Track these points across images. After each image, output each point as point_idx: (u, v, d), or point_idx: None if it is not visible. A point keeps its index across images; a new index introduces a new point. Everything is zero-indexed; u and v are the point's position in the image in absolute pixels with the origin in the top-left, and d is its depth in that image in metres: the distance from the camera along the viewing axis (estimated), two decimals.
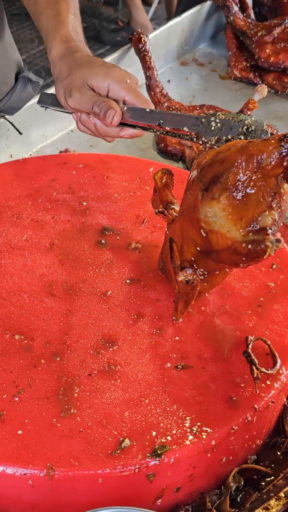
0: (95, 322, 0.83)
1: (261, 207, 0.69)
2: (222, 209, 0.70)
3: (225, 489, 0.76)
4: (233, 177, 0.69)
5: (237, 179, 0.69)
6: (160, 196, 0.85)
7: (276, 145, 0.68)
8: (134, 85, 0.99)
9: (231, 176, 0.69)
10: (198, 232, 0.74)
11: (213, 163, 0.72)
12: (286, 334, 0.84)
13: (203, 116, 0.89)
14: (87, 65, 0.99)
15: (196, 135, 0.90)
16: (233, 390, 0.76)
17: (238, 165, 0.69)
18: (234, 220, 0.69)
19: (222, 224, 0.70)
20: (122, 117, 0.97)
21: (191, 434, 0.72)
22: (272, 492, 0.75)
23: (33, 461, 0.68)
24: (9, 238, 0.96)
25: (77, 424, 0.72)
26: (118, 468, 0.68)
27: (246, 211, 0.69)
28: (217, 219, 0.70)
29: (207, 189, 0.71)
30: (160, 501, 0.73)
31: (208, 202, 0.71)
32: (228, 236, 0.70)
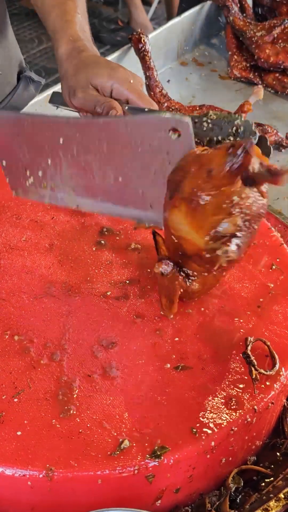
0: (95, 323, 0.83)
1: (220, 214, 0.68)
2: (184, 217, 0.70)
3: (225, 490, 0.76)
4: (189, 186, 0.69)
5: (192, 188, 0.69)
6: None
7: (224, 156, 0.67)
8: (138, 86, 1.00)
9: (187, 184, 0.69)
10: (171, 237, 0.75)
11: (176, 170, 0.72)
12: (285, 335, 0.84)
13: (197, 116, 0.89)
14: (92, 65, 1.00)
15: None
16: (233, 391, 0.76)
17: (191, 174, 0.69)
18: (195, 227, 0.70)
19: (186, 231, 0.71)
20: None
21: (191, 435, 0.71)
22: (272, 493, 0.75)
23: (32, 462, 0.68)
24: (8, 239, 0.96)
25: (76, 425, 0.72)
26: (118, 469, 0.68)
27: (205, 219, 0.69)
28: (182, 226, 0.71)
29: (171, 196, 0.71)
30: (159, 502, 0.73)
31: (172, 210, 0.71)
32: (194, 242, 0.70)
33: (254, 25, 1.69)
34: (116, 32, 3.67)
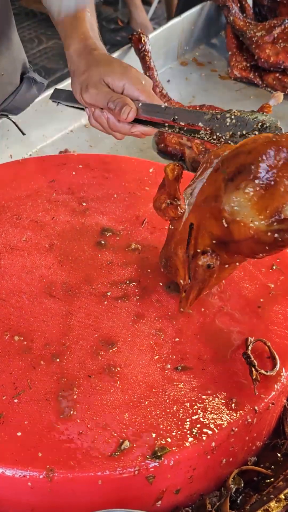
0: (95, 323, 0.83)
1: (286, 197, 0.70)
2: (248, 199, 0.71)
3: (225, 491, 0.76)
4: (261, 167, 0.70)
5: (265, 170, 0.70)
6: (168, 190, 0.84)
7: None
8: (149, 87, 1.01)
9: (258, 166, 0.70)
10: (218, 223, 0.74)
11: (239, 153, 0.73)
12: (286, 336, 0.84)
13: (219, 112, 0.91)
14: (105, 63, 1.02)
15: (210, 130, 0.91)
16: (233, 391, 0.76)
17: (266, 156, 0.70)
18: (258, 210, 0.70)
19: (246, 214, 0.71)
20: (137, 114, 0.98)
21: (191, 435, 0.71)
22: (272, 494, 0.75)
23: (32, 463, 0.68)
24: (8, 239, 0.95)
25: (76, 426, 0.71)
26: (118, 470, 0.68)
27: (272, 201, 0.70)
28: (242, 208, 0.71)
29: (232, 179, 0.72)
30: (160, 503, 0.73)
31: (233, 192, 0.72)
32: (251, 225, 0.71)
33: (254, 25, 1.69)
34: (116, 32, 3.67)
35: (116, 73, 1.00)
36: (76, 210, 1.02)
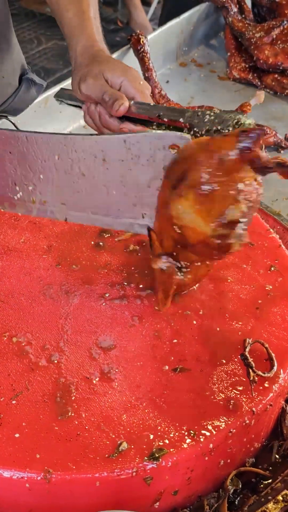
0: (93, 324, 0.83)
1: (227, 201, 0.70)
2: (190, 206, 0.72)
3: (223, 492, 0.76)
4: (197, 174, 0.70)
5: (200, 176, 0.70)
6: None
7: (235, 141, 0.69)
8: (145, 89, 1.03)
9: (194, 173, 0.70)
10: (172, 228, 0.76)
11: (179, 160, 0.73)
12: (284, 337, 0.84)
13: (201, 110, 0.93)
14: (107, 61, 1.04)
15: (189, 126, 0.93)
16: (231, 393, 0.76)
17: (200, 162, 0.70)
18: (203, 215, 0.71)
19: (192, 219, 0.72)
20: (128, 110, 0.99)
21: (189, 437, 0.71)
22: (270, 495, 0.75)
23: (30, 465, 0.68)
24: (7, 240, 0.95)
25: (74, 427, 0.72)
26: (116, 472, 0.68)
27: (213, 206, 0.71)
28: (187, 215, 0.72)
29: (175, 186, 0.72)
30: (158, 505, 0.73)
31: (177, 200, 0.73)
32: (200, 230, 0.72)
33: (253, 26, 1.69)
34: (116, 32, 3.67)
35: (116, 70, 1.02)
36: None
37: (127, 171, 0.86)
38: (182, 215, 0.72)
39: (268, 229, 1.02)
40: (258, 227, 1.02)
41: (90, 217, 0.92)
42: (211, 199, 0.70)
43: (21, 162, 0.90)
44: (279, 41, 1.62)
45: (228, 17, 1.74)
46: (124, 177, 0.86)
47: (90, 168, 0.87)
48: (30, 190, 0.90)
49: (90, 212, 0.91)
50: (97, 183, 0.88)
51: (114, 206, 0.89)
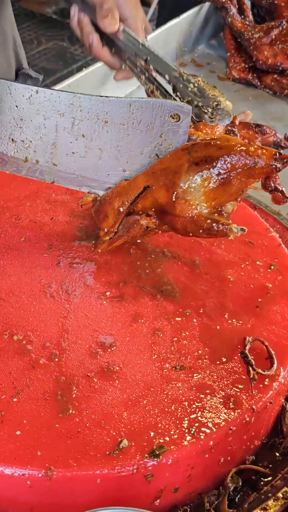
0: (93, 323, 0.84)
1: (233, 196, 0.81)
2: (203, 186, 0.80)
3: (223, 489, 0.77)
4: (226, 164, 0.80)
5: (228, 168, 0.80)
6: None
7: (271, 156, 0.80)
8: (140, 18, 1.03)
9: (224, 162, 0.80)
10: (168, 194, 0.83)
11: (210, 146, 0.82)
12: (284, 335, 0.84)
13: (187, 74, 0.94)
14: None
15: (173, 86, 0.98)
16: (231, 390, 0.77)
17: (236, 157, 0.80)
18: (208, 198, 0.81)
19: (196, 196, 0.81)
20: (116, 31, 1.00)
21: (189, 434, 0.72)
22: (270, 493, 0.76)
23: (31, 462, 0.68)
24: (7, 239, 0.96)
25: (75, 424, 0.72)
26: (116, 469, 0.68)
27: (222, 196, 0.81)
28: (195, 191, 0.81)
29: (198, 163, 0.81)
30: (158, 502, 0.73)
31: (194, 174, 0.81)
32: (195, 208, 0.81)
33: (252, 26, 1.69)
34: None
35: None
36: (75, 210, 1.02)
37: (125, 135, 0.88)
38: (189, 189, 0.81)
39: (268, 228, 1.03)
40: (258, 226, 1.02)
41: (78, 180, 0.92)
42: (223, 190, 0.80)
43: (25, 117, 0.89)
44: (278, 42, 1.63)
45: (228, 18, 1.74)
46: (121, 141, 0.89)
47: (90, 129, 0.89)
48: (26, 147, 0.91)
49: (79, 176, 0.92)
50: (94, 145, 0.89)
51: (103, 170, 0.91)
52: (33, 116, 0.89)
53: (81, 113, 0.88)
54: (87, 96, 0.88)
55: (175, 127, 0.85)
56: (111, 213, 0.89)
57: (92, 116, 0.88)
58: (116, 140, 0.88)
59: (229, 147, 0.81)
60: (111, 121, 0.87)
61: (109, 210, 0.90)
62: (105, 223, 0.90)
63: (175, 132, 0.85)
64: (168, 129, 0.85)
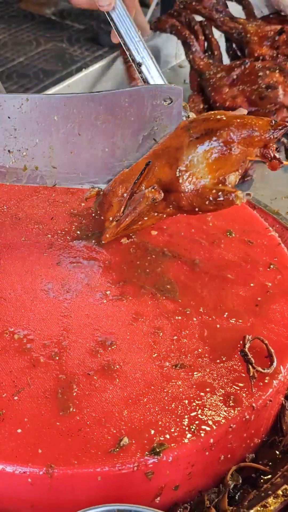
0: (94, 321, 0.84)
1: (235, 167, 0.84)
2: (205, 158, 0.83)
3: (224, 487, 0.77)
4: (226, 134, 0.82)
5: (228, 138, 0.82)
6: None
7: (268, 124, 0.83)
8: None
9: (224, 134, 0.82)
10: (171, 171, 0.85)
11: (208, 120, 0.85)
12: (283, 334, 0.85)
13: None
14: None
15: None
16: (231, 388, 0.77)
17: (234, 127, 0.83)
18: (211, 169, 0.83)
19: (200, 169, 0.83)
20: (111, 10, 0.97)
21: (190, 432, 0.72)
22: (270, 490, 0.76)
23: (32, 460, 0.69)
24: (8, 239, 0.96)
25: (76, 422, 0.72)
26: (117, 466, 0.69)
27: (224, 166, 0.83)
28: (197, 164, 0.83)
29: (198, 137, 0.83)
30: (158, 499, 0.73)
31: (196, 147, 0.84)
32: (199, 180, 0.84)
33: (216, 65, 1.49)
34: None
35: None
36: (75, 210, 1.02)
37: (121, 127, 0.89)
38: (192, 162, 0.83)
39: (267, 227, 1.03)
40: (257, 226, 1.02)
41: (79, 178, 0.93)
42: (225, 159, 0.83)
43: (18, 126, 0.90)
44: (239, 83, 1.42)
45: (189, 54, 1.53)
46: (117, 133, 0.90)
47: (85, 127, 0.90)
48: (23, 156, 0.91)
49: (80, 173, 0.92)
50: (91, 142, 0.90)
51: (103, 164, 0.92)
52: (27, 124, 0.89)
53: (74, 113, 0.89)
54: (78, 95, 0.89)
55: (169, 109, 0.87)
56: (116, 201, 0.90)
57: (85, 114, 0.89)
58: (112, 133, 0.89)
59: (227, 118, 0.83)
60: (105, 116, 0.88)
61: (113, 199, 0.90)
62: (110, 213, 0.91)
63: (169, 114, 0.87)
64: (162, 112, 0.87)
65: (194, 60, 1.50)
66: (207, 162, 0.83)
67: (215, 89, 1.43)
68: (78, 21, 3.75)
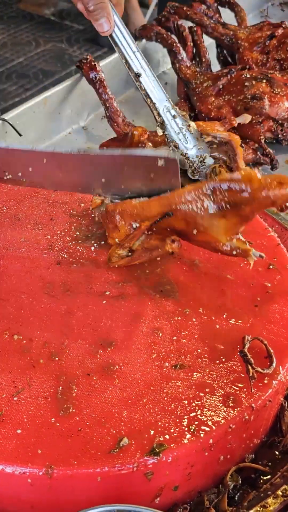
0: (93, 322, 0.84)
1: (239, 230, 0.87)
2: (225, 224, 0.85)
3: (223, 487, 0.77)
4: (249, 211, 0.84)
5: (250, 214, 0.84)
6: None
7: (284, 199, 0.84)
8: None
9: (248, 208, 0.83)
10: (187, 227, 0.86)
11: (233, 192, 0.83)
12: (282, 334, 0.85)
13: (177, 113, 0.93)
14: None
15: (161, 121, 0.94)
16: (231, 389, 0.77)
17: (257, 201, 0.82)
18: (227, 231, 0.86)
19: (217, 231, 0.85)
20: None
21: (189, 432, 0.72)
22: (270, 491, 0.76)
23: (32, 460, 0.69)
24: (7, 240, 0.96)
25: (76, 423, 0.72)
26: (117, 467, 0.69)
27: (234, 229, 0.86)
28: (217, 228, 0.85)
29: (221, 210, 0.84)
30: (158, 500, 0.73)
31: (218, 219, 0.85)
32: (215, 239, 0.86)
33: (202, 74, 1.45)
34: None
35: None
36: (75, 211, 1.02)
37: (118, 180, 0.89)
38: (210, 227, 0.85)
39: (267, 227, 1.03)
40: (257, 226, 1.02)
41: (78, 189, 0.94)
42: (241, 222, 0.86)
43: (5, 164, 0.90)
44: (225, 92, 1.38)
45: (176, 63, 1.48)
46: (114, 183, 0.90)
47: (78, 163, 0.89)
48: (19, 176, 0.91)
49: (80, 188, 0.93)
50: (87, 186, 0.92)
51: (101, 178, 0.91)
52: (16, 163, 0.90)
53: None
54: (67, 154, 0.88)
55: (164, 170, 0.85)
56: (122, 227, 0.89)
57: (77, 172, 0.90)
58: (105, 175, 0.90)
59: (253, 193, 0.82)
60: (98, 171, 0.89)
61: (119, 223, 0.89)
62: (115, 234, 0.90)
63: (165, 174, 0.85)
64: (157, 171, 0.85)
65: (180, 69, 1.45)
66: (225, 227, 0.85)
67: (201, 99, 1.39)
68: (77, 22, 3.75)
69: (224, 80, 1.39)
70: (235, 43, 1.52)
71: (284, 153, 1.39)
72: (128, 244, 0.90)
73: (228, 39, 1.53)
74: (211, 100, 1.38)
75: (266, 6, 1.99)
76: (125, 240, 0.90)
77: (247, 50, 1.50)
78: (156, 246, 0.91)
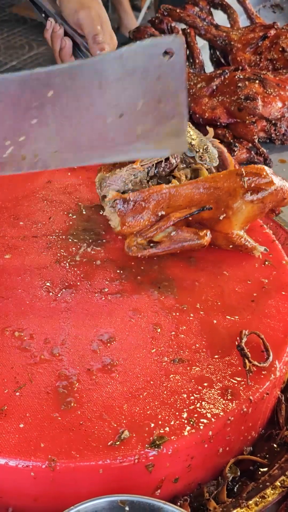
0: (93, 318, 0.85)
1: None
2: (249, 211, 0.93)
3: (222, 479, 0.78)
4: (271, 198, 0.93)
5: (270, 200, 0.93)
6: None
7: None
8: (104, 27, 1.06)
9: (272, 198, 0.93)
10: (215, 212, 0.92)
11: (264, 182, 0.92)
12: (279, 328, 0.86)
13: None
14: None
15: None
16: (229, 382, 0.78)
17: (277, 198, 0.94)
18: (246, 221, 0.94)
19: (240, 219, 0.93)
20: None
21: (189, 425, 0.73)
22: (268, 482, 0.77)
23: (35, 454, 0.70)
24: (6, 239, 0.97)
25: (77, 417, 0.73)
26: (118, 459, 0.70)
27: (255, 220, 0.96)
28: (241, 215, 0.92)
29: (252, 193, 0.92)
30: (159, 492, 0.74)
31: (249, 201, 0.92)
32: (234, 228, 0.94)
33: (196, 75, 1.48)
34: None
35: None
36: (73, 210, 1.04)
37: (123, 90, 0.82)
38: (237, 212, 0.92)
39: (262, 225, 1.05)
40: (253, 223, 1.04)
41: (86, 155, 0.86)
42: (259, 215, 0.95)
43: (12, 109, 0.82)
44: (219, 93, 1.40)
45: None
46: (120, 97, 0.82)
47: (86, 97, 0.82)
48: (20, 142, 0.83)
49: (86, 151, 0.85)
50: (93, 113, 0.83)
51: (109, 135, 0.84)
52: (23, 103, 0.81)
53: (73, 84, 0.82)
54: (70, 65, 0.83)
55: (171, 64, 0.79)
56: (147, 215, 0.91)
57: (85, 82, 0.82)
58: (115, 98, 0.82)
59: (277, 190, 0.92)
60: (105, 81, 0.81)
61: (144, 212, 0.91)
62: (136, 223, 0.91)
63: (172, 69, 0.79)
64: (164, 69, 0.79)
65: None
66: (247, 215, 0.93)
67: (195, 99, 1.40)
68: None
69: (217, 81, 1.41)
70: (228, 44, 1.55)
71: (277, 152, 1.41)
72: (150, 235, 0.91)
73: (221, 41, 1.55)
74: (205, 101, 1.40)
75: (257, 8, 2.00)
76: (148, 230, 0.91)
77: (240, 51, 1.52)
78: (186, 238, 0.93)
